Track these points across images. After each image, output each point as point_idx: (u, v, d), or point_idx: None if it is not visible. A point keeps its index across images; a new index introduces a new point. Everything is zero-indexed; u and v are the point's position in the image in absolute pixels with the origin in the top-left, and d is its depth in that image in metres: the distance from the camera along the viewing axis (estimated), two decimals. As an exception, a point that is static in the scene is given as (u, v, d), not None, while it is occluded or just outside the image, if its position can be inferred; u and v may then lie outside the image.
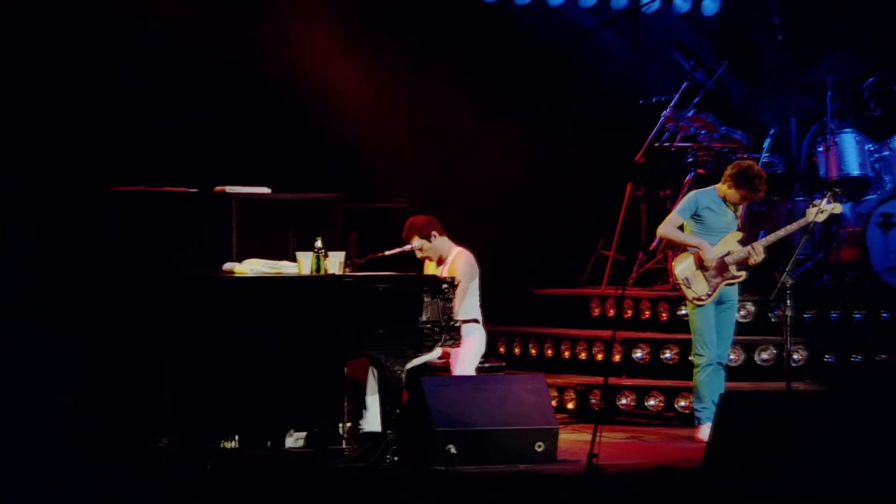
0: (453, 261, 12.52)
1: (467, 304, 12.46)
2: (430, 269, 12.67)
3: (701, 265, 12.68)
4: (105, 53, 14.58)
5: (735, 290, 12.84)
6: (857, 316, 14.62)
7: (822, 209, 12.73)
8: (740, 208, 12.85)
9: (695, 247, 12.70)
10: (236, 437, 11.97)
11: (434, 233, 12.54)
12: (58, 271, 12.55)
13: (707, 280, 12.68)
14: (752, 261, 12.67)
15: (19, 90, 14.21)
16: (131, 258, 12.38)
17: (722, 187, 12.77)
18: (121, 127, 14.52)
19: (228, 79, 15.10)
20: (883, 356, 14.21)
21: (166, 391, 11.76)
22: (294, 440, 12.13)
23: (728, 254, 12.69)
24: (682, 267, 12.74)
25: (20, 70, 14.19)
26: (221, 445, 11.87)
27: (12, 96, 14.16)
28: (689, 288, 12.70)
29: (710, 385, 12.63)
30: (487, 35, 16.47)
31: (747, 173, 12.66)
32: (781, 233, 12.93)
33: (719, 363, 12.72)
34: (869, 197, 15.41)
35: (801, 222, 12.88)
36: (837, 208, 12.90)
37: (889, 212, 15.04)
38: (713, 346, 12.66)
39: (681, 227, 12.83)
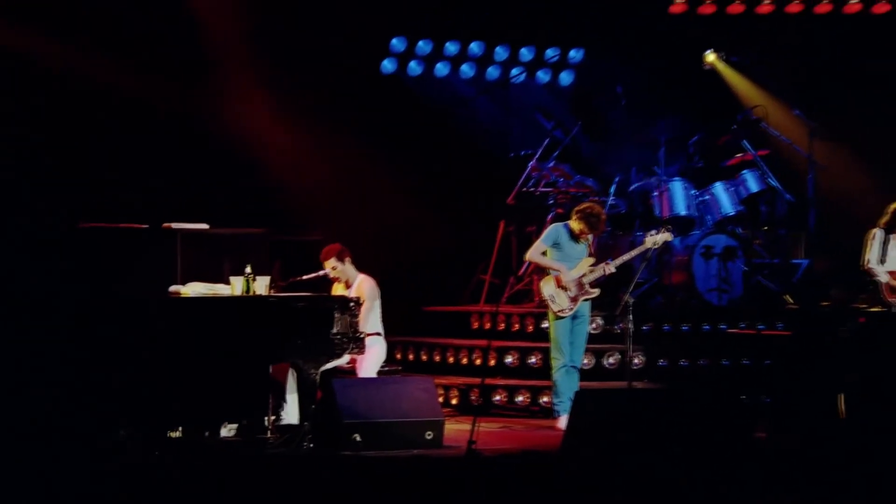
0: (359, 284, 12.50)
1: (371, 320, 12.46)
2: (337, 290, 12.61)
3: (560, 285, 12.74)
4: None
5: (588, 306, 12.93)
6: (685, 328, 14.77)
7: (657, 240, 12.95)
8: (590, 239, 12.93)
9: (556, 270, 12.76)
10: (180, 428, 11.81)
11: (346, 258, 12.53)
12: (39, 283, 12.31)
13: (568, 297, 12.74)
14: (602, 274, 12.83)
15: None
16: (98, 279, 12.22)
17: (572, 222, 12.86)
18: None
19: (183, 137, 15.04)
20: (704, 360, 14.35)
21: (125, 391, 11.59)
22: (227, 430, 12.01)
23: (584, 275, 12.77)
24: (548, 287, 12.82)
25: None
26: (168, 435, 11.71)
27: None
28: (553, 303, 12.77)
29: (566, 383, 12.72)
30: (387, 99, 16.52)
31: (587, 212, 12.84)
32: (626, 256, 13.13)
33: (573, 366, 12.79)
34: (694, 233, 15.57)
35: (641, 248, 13.05)
36: (668, 236, 13.08)
37: (710, 244, 15.19)
38: (567, 350, 12.78)
39: (544, 253, 12.90)
